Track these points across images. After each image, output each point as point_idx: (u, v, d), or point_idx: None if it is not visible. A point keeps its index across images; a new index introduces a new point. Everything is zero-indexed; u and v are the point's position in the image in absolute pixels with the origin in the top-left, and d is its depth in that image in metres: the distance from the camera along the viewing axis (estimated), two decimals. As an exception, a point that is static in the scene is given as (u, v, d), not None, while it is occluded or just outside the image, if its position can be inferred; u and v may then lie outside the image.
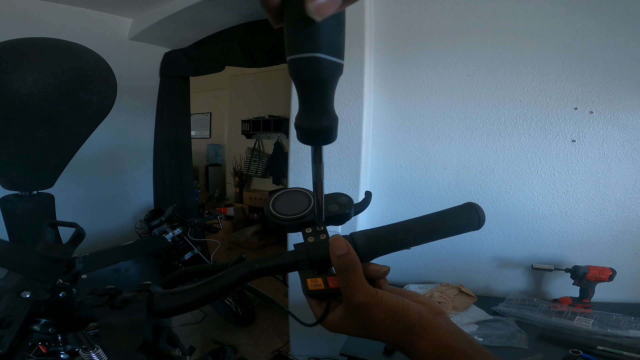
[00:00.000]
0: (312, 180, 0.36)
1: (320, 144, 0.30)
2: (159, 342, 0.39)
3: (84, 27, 2.52)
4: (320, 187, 0.37)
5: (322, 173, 0.35)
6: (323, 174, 0.35)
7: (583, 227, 1.54)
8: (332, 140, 0.29)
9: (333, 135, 0.28)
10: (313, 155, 0.32)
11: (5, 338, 0.34)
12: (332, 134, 0.28)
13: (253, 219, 4.85)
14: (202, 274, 0.60)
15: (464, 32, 1.62)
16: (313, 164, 0.34)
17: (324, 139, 0.28)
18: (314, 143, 0.29)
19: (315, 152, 0.32)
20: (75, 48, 1.20)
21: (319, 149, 0.31)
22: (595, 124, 1.48)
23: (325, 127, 0.27)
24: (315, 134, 0.28)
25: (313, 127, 0.27)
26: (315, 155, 0.32)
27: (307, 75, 0.24)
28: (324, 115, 0.27)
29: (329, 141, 0.29)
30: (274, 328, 2.54)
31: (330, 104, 0.27)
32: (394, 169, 1.81)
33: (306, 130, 0.28)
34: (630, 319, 1.23)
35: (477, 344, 0.34)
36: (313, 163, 0.33)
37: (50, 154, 1.25)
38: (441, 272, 1.75)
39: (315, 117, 0.27)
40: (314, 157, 0.32)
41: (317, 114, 0.27)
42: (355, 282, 0.36)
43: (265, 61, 2.46)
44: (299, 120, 0.28)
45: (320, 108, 0.27)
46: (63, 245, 0.41)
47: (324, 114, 0.27)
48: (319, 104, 0.27)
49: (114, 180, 2.97)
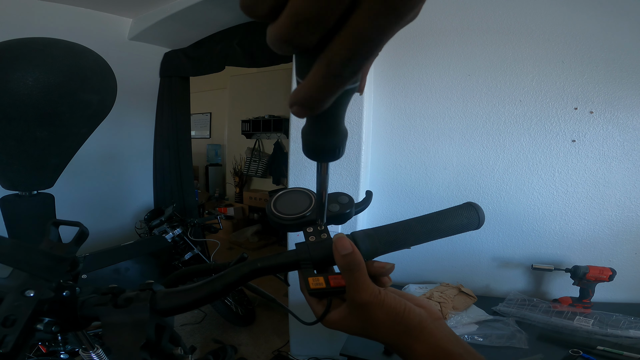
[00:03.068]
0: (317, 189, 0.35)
1: (327, 161, 0.28)
2: (161, 341, 0.39)
3: (84, 27, 2.51)
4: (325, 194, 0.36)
5: (327, 183, 0.33)
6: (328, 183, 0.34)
7: (583, 227, 1.54)
8: (339, 157, 0.27)
9: (341, 152, 0.26)
10: (319, 169, 0.31)
11: (9, 337, 0.34)
12: (340, 151, 0.26)
13: (253, 219, 4.85)
14: (203, 273, 0.60)
15: (464, 32, 1.62)
16: (318, 176, 0.32)
17: (331, 156, 0.27)
18: (321, 160, 0.27)
19: (320, 167, 0.30)
20: (75, 48, 1.20)
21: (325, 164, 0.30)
22: (595, 124, 1.48)
23: (333, 145, 0.25)
24: (323, 151, 0.26)
25: (321, 144, 0.25)
26: (321, 169, 0.30)
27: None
28: (334, 133, 0.25)
29: (336, 158, 0.27)
30: (274, 328, 2.54)
31: (342, 121, 0.25)
32: (394, 169, 1.81)
33: (313, 147, 0.26)
34: (630, 319, 1.24)
35: (472, 349, 0.35)
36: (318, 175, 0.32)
37: (50, 154, 1.25)
38: (441, 272, 1.76)
39: (324, 134, 0.25)
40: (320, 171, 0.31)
41: (327, 132, 0.25)
42: (360, 281, 0.36)
43: (265, 61, 2.46)
44: (307, 136, 0.25)
45: (330, 126, 0.25)
46: (67, 244, 0.41)
47: (334, 131, 0.25)
48: (330, 121, 0.24)
49: (114, 180, 2.96)
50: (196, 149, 4.08)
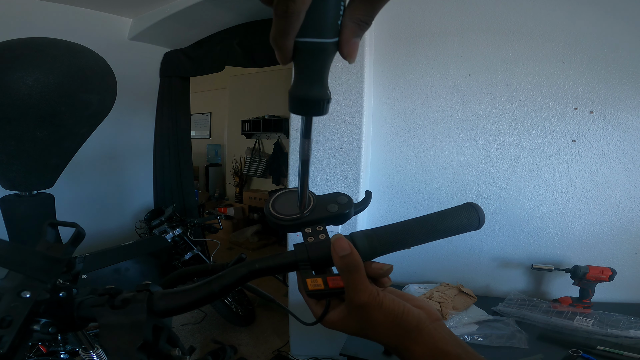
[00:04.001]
0: (300, 159, 0.37)
1: (312, 114, 0.30)
2: (159, 342, 0.39)
3: (84, 27, 2.51)
4: (307, 167, 0.37)
5: (310, 151, 0.35)
6: (310, 152, 0.36)
7: (583, 227, 1.54)
8: (324, 113, 0.30)
9: (326, 107, 0.29)
10: (303, 129, 0.33)
11: (5, 338, 0.34)
12: (325, 106, 0.29)
13: (253, 219, 4.85)
14: (202, 274, 0.60)
15: (464, 32, 1.62)
16: (302, 140, 0.34)
17: (316, 109, 0.29)
18: (307, 112, 0.30)
19: (306, 123, 0.32)
20: (75, 48, 1.20)
21: (310, 121, 0.32)
22: (595, 124, 1.48)
23: (319, 97, 0.28)
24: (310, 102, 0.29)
25: (308, 95, 0.28)
26: (306, 128, 0.32)
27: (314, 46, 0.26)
28: (320, 86, 0.28)
29: (321, 112, 0.29)
30: (274, 328, 2.54)
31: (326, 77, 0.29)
32: (394, 169, 1.81)
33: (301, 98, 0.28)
34: (630, 319, 1.23)
35: (471, 350, 0.35)
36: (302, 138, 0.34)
37: (50, 154, 1.25)
38: (441, 272, 1.75)
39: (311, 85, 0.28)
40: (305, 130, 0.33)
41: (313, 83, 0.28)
42: (358, 282, 0.36)
43: (265, 61, 2.46)
44: (295, 89, 0.28)
45: (317, 78, 0.28)
46: (63, 245, 0.41)
47: (320, 84, 0.28)
48: (317, 74, 0.28)
49: (114, 180, 2.96)
50: (196, 149, 4.08)
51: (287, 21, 0.23)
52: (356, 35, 0.26)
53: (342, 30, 0.26)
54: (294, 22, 0.24)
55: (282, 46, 0.25)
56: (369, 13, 0.26)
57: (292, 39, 0.25)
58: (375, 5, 0.25)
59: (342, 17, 0.26)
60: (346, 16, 0.26)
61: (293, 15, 0.23)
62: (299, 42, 0.25)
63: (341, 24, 0.26)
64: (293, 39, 0.25)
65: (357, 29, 0.26)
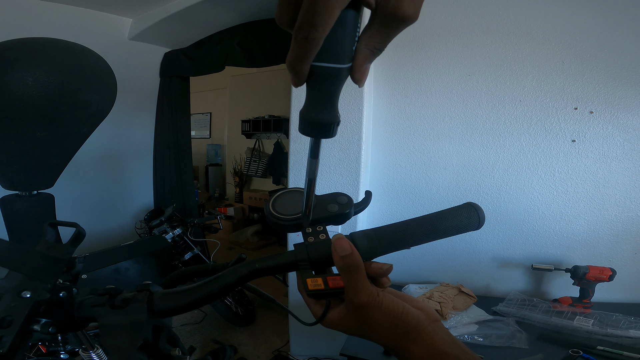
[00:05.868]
0: (306, 177, 0.37)
1: (321, 136, 0.31)
2: (159, 342, 0.39)
3: (84, 27, 2.51)
4: (313, 185, 0.37)
5: (317, 170, 0.36)
6: (317, 171, 0.36)
7: (583, 227, 1.54)
8: (333, 135, 0.30)
9: (335, 130, 0.30)
10: (311, 150, 0.33)
11: (5, 338, 0.34)
12: (335, 128, 0.30)
13: (253, 219, 4.85)
14: (202, 274, 0.60)
15: (464, 32, 1.62)
16: (310, 160, 0.34)
17: (326, 132, 0.30)
18: (317, 135, 0.30)
19: (314, 145, 0.33)
20: (75, 48, 1.20)
21: (318, 142, 0.32)
22: (595, 124, 1.48)
23: (330, 120, 0.29)
24: (321, 125, 0.29)
25: (319, 118, 0.29)
26: (314, 148, 0.33)
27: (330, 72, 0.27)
28: (331, 109, 0.29)
29: (331, 135, 0.30)
30: (274, 328, 2.54)
31: (337, 100, 0.29)
32: (394, 169, 1.81)
33: (312, 121, 0.29)
34: (630, 319, 1.23)
35: (469, 351, 0.35)
36: (310, 159, 0.34)
37: (50, 154, 1.25)
38: (441, 272, 1.75)
39: (322, 109, 0.29)
40: (313, 151, 0.33)
41: (325, 107, 0.29)
42: (359, 282, 0.36)
43: (265, 61, 2.46)
44: (307, 112, 0.29)
45: (329, 101, 0.29)
46: (64, 245, 0.41)
47: (331, 107, 0.29)
48: (329, 97, 0.28)
49: (114, 180, 2.96)
50: (196, 149, 4.08)
51: (307, 47, 0.24)
52: (369, 61, 0.27)
53: (356, 55, 0.26)
54: (314, 49, 0.24)
55: (299, 71, 0.26)
56: (384, 41, 0.26)
57: (309, 64, 0.25)
58: (390, 33, 0.26)
59: (356, 42, 0.26)
60: (361, 42, 0.26)
61: (314, 42, 0.23)
62: (315, 66, 0.26)
63: (355, 50, 0.26)
64: (310, 64, 0.25)
65: (371, 55, 0.27)
